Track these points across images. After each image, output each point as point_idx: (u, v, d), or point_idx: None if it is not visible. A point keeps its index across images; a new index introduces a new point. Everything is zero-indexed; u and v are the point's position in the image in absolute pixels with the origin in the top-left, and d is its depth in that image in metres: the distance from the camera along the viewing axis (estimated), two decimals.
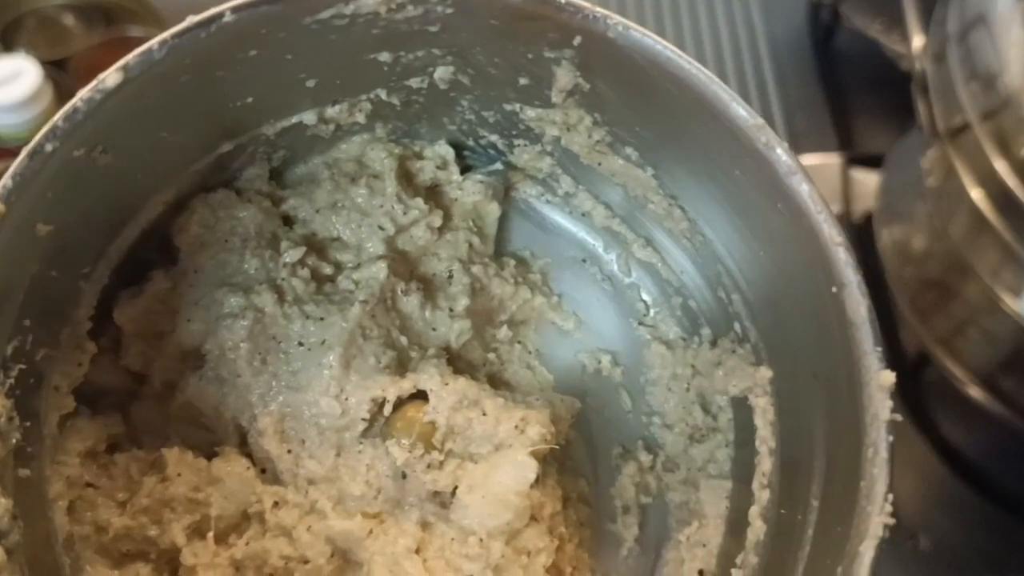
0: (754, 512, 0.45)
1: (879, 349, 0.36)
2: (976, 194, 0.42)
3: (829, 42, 0.80)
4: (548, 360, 0.53)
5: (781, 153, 0.38)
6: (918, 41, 0.46)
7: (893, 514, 0.50)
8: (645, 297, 0.53)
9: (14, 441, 0.37)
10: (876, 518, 0.35)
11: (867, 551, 0.35)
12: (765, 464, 0.45)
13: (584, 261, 0.53)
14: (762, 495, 0.45)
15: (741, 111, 0.38)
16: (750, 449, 0.46)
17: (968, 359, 0.49)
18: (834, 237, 0.37)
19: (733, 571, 0.44)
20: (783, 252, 0.40)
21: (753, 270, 0.44)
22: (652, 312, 0.52)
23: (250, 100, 0.43)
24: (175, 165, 0.44)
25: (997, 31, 0.39)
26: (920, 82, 0.45)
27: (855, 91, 0.79)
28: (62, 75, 0.75)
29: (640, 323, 0.52)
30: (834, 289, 0.37)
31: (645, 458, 0.51)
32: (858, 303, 0.37)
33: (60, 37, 0.79)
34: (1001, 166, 0.40)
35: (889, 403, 0.36)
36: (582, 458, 0.51)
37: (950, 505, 0.56)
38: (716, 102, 0.38)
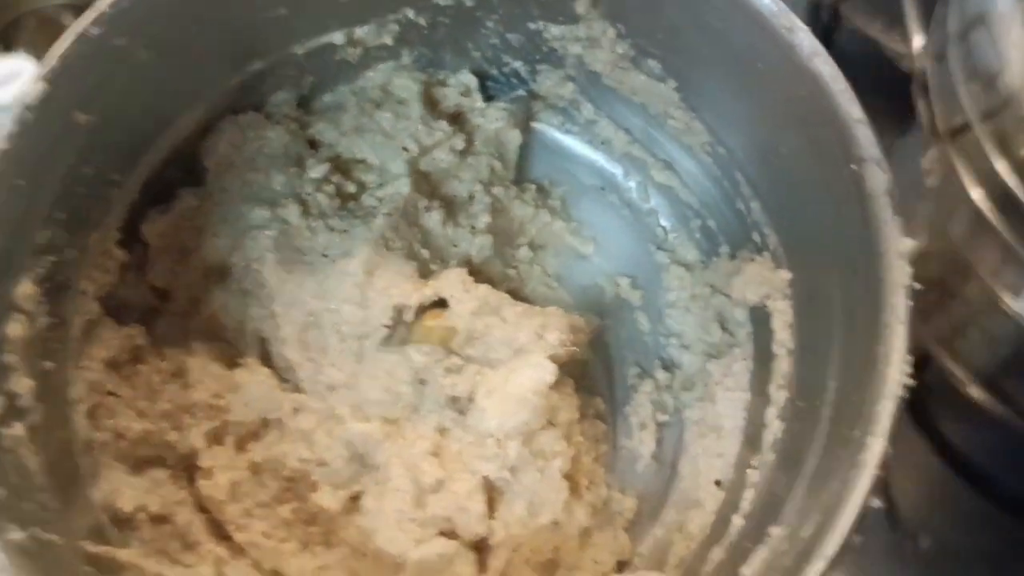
0: (771, 414, 0.44)
1: (898, 218, 0.37)
2: (976, 194, 0.42)
3: (829, 42, 0.80)
4: (567, 283, 0.53)
5: (803, 36, 0.38)
6: (918, 41, 0.45)
7: (892, 509, 0.50)
8: (664, 223, 0.53)
9: (42, 325, 0.37)
10: (894, 378, 0.34)
11: (884, 410, 0.34)
12: (783, 366, 0.45)
13: (603, 189, 0.54)
14: (779, 396, 0.44)
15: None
16: (767, 356, 0.46)
17: (968, 359, 0.48)
18: (854, 114, 0.38)
19: (748, 471, 0.44)
20: (803, 138, 0.40)
21: (772, 170, 0.44)
22: (671, 237, 0.53)
23: (282, 12, 0.43)
24: (208, 77, 0.44)
25: (997, 31, 0.40)
26: (920, 82, 0.45)
27: (855, 90, 0.79)
28: None
29: (659, 248, 0.53)
30: (854, 166, 0.37)
31: (662, 376, 0.51)
32: (877, 176, 0.37)
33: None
34: (1001, 166, 0.40)
35: (908, 269, 0.36)
36: (599, 378, 0.51)
37: (950, 505, 0.56)
38: None
